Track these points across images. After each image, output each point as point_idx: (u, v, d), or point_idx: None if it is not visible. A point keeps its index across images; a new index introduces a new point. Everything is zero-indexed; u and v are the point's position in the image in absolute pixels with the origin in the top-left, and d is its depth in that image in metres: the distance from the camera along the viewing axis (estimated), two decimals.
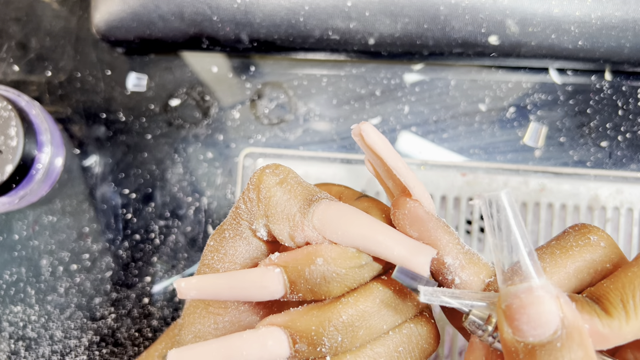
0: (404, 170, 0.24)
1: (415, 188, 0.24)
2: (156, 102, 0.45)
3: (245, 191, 0.26)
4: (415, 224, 0.24)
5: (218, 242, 0.27)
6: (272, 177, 0.25)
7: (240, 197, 0.26)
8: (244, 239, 0.26)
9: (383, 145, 0.24)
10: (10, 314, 0.44)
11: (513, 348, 0.21)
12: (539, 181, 0.42)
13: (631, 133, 0.43)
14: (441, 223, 0.24)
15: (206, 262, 0.27)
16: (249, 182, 0.26)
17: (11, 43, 0.45)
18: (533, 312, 0.20)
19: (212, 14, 0.40)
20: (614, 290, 0.22)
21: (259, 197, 0.25)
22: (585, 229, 0.25)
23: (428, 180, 0.43)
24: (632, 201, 0.42)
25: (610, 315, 0.22)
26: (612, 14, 0.39)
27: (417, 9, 0.39)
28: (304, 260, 0.24)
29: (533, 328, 0.20)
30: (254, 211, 0.25)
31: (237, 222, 0.26)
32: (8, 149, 0.38)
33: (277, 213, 0.25)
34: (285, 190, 0.25)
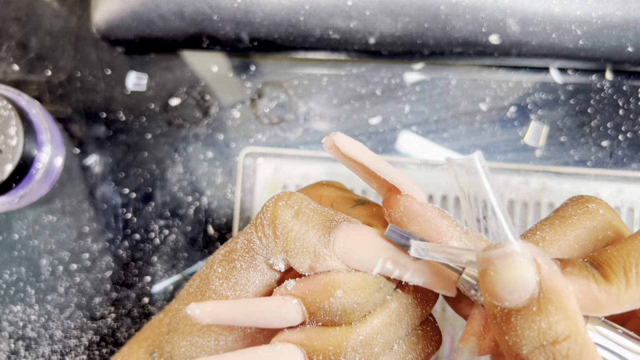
0: (387, 169, 0.24)
1: (403, 183, 0.24)
2: (156, 102, 0.45)
3: (259, 226, 0.24)
4: (413, 218, 0.24)
5: (227, 270, 0.26)
6: (287, 210, 0.24)
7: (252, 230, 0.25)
8: (258, 271, 0.25)
9: (360, 151, 0.24)
10: (10, 313, 0.44)
11: (491, 312, 0.21)
12: (540, 181, 0.42)
13: (632, 132, 0.43)
14: (437, 210, 0.24)
15: (213, 287, 0.26)
16: (261, 217, 0.24)
17: (11, 42, 0.45)
18: (507, 276, 0.20)
19: (213, 13, 0.40)
20: (617, 257, 0.22)
21: (275, 233, 0.24)
22: (582, 198, 0.25)
23: (428, 180, 0.43)
24: (632, 201, 0.42)
25: (610, 281, 0.21)
26: (613, 13, 0.39)
27: (417, 8, 0.39)
28: (323, 293, 0.24)
29: (508, 293, 0.20)
30: (271, 247, 0.24)
31: (252, 256, 0.25)
32: (8, 149, 0.38)
33: (296, 247, 0.24)
34: (302, 222, 0.24)
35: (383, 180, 0.25)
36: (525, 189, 0.42)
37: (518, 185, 0.42)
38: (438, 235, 0.24)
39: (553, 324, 0.19)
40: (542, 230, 0.24)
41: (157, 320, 0.32)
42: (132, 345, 0.31)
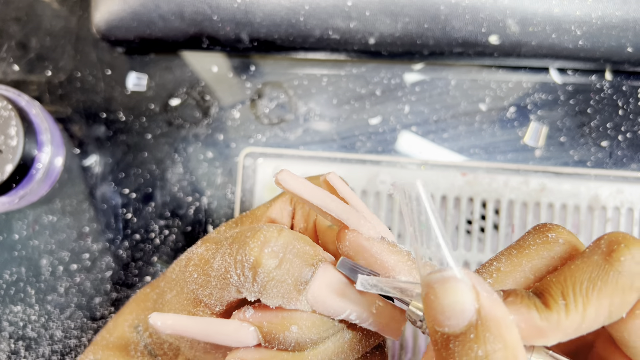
0: (333, 205, 0.24)
1: (350, 218, 0.25)
2: (156, 102, 0.45)
3: (239, 265, 0.24)
4: (359, 253, 0.24)
5: (203, 281, 0.26)
6: (271, 260, 0.24)
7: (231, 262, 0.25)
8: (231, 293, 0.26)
9: (303, 189, 0.24)
10: (10, 313, 0.44)
11: (433, 338, 0.21)
12: (540, 181, 0.42)
13: (631, 133, 0.43)
14: (385, 245, 0.25)
15: (191, 288, 0.26)
16: (242, 256, 0.24)
17: (11, 43, 0.45)
18: (446, 302, 0.20)
19: (212, 13, 0.40)
20: (555, 284, 0.22)
21: (254, 278, 0.24)
22: (544, 227, 0.25)
23: (428, 180, 0.43)
24: (632, 201, 0.42)
25: (550, 308, 0.21)
26: (613, 13, 0.39)
27: (417, 8, 0.39)
28: (279, 326, 0.24)
29: (447, 318, 0.20)
30: (247, 287, 0.25)
31: (227, 284, 0.25)
32: (8, 149, 0.38)
33: (272, 293, 0.24)
34: (283, 272, 0.24)
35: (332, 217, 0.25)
36: (524, 189, 0.42)
37: (518, 185, 0.42)
38: (384, 270, 0.24)
39: (490, 352, 0.19)
40: (499, 260, 0.24)
41: (143, 294, 0.32)
42: (117, 319, 0.32)
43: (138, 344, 0.30)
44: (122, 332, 0.31)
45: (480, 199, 0.43)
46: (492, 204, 0.43)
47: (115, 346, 0.30)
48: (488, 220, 0.43)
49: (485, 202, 0.43)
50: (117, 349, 0.30)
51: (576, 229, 0.42)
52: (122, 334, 0.31)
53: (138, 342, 0.30)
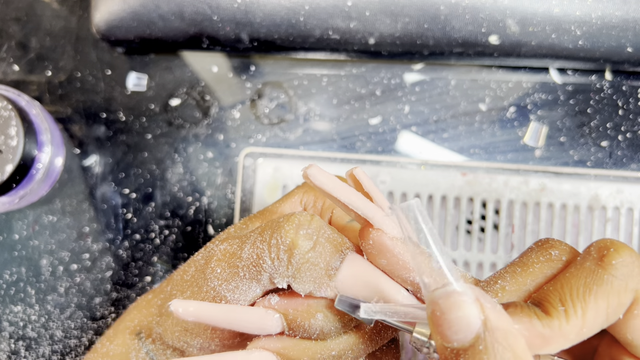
0: (359, 203, 0.25)
1: (375, 217, 0.25)
2: (156, 102, 0.45)
3: (274, 248, 0.25)
4: (381, 253, 0.25)
5: (229, 274, 0.26)
6: (306, 241, 0.24)
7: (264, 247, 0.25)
8: (260, 284, 0.26)
9: (332, 185, 0.24)
10: (10, 313, 0.44)
11: (443, 355, 0.21)
12: (539, 181, 0.42)
13: (631, 133, 0.43)
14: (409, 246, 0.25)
15: (212, 285, 0.26)
16: (278, 239, 0.24)
17: (11, 43, 0.45)
18: (452, 316, 0.20)
19: (212, 13, 0.40)
20: (552, 292, 0.22)
21: (290, 260, 0.24)
22: (547, 244, 0.25)
23: (428, 180, 0.43)
24: (632, 201, 0.42)
25: (550, 315, 0.22)
26: (613, 13, 0.39)
27: (417, 8, 0.39)
28: (305, 314, 0.25)
29: (454, 333, 0.20)
30: (281, 271, 0.25)
31: (258, 271, 0.25)
32: (8, 149, 0.38)
33: (305, 277, 0.25)
34: (317, 254, 0.24)
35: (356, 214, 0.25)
36: (524, 189, 0.42)
37: (517, 185, 0.42)
38: (405, 270, 0.24)
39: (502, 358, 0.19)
40: (504, 279, 0.25)
41: (145, 301, 0.31)
42: (118, 326, 0.31)
43: (140, 350, 0.30)
44: (123, 339, 0.31)
45: (480, 199, 0.43)
46: (492, 204, 0.43)
47: (116, 354, 0.30)
48: (488, 220, 0.43)
49: (485, 202, 0.43)
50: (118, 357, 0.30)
51: (576, 229, 0.42)
52: (123, 341, 0.30)
53: (140, 349, 0.30)
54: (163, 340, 0.29)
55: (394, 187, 0.43)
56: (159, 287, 0.32)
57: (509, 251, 0.43)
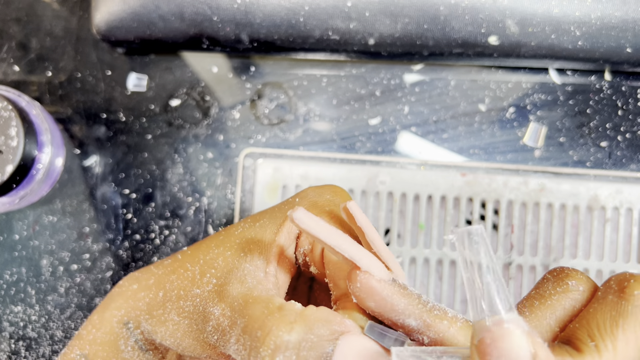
0: (346, 246, 0.24)
1: (362, 260, 0.25)
2: (156, 102, 0.45)
3: (252, 351, 0.24)
4: (370, 295, 0.24)
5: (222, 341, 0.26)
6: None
7: (244, 354, 0.24)
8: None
9: (318, 228, 0.24)
10: (10, 313, 0.44)
11: None
12: (539, 181, 0.42)
13: (631, 133, 0.43)
14: (396, 289, 0.25)
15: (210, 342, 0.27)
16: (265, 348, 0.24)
17: (11, 43, 0.45)
18: (504, 345, 0.20)
19: (212, 14, 0.40)
20: (580, 329, 0.23)
21: None
22: (563, 273, 0.25)
23: (428, 180, 0.43)
24: (631, 201, 0.42)
25: (582, 352, 0.22)
26: (612, 14, 0.39)
27: (417, 9, 0.39)
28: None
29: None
30: None
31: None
32: (8, 149, 0.38)
33: None
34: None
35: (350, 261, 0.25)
36: (524, 190, 0.42)
37: (517, 185, 0.42)
38: (394, 313, 0.24)
39: None
40: (523, 314, 0.25)
41: (131, 291, 0.31)
42: (103, 313, 0.31)
43: (128, 339, 0.30)
44: (110, 327, 0.30)
45: (480, 199, 0.43)
46: (491, 204, 0.43)
47: (104, 341, 0.30)
48: (487, 221, 0.43)
49: (485, 202, 0.43)
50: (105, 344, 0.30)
51: (575, 229, 0.42)
52: (110, 329, 0.30)
53: (128, 338, 0.30)
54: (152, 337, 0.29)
55: (393, 188, 0.43)
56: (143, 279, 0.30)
57: (508, 251, 0.43)
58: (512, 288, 0.43)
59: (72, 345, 0.30)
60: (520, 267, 0.42)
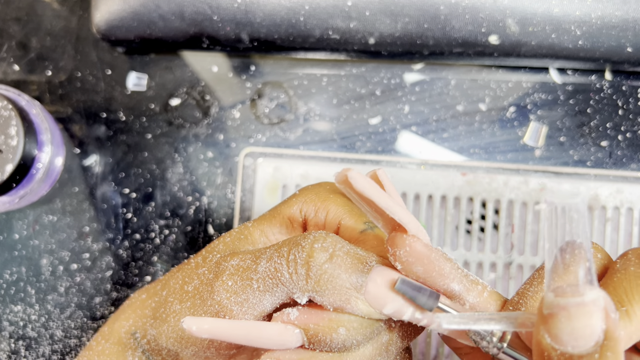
0: (396, 209, 0.25)
1: (410, 224, 0.25)
2: (156, 102, 0.45)
3: (292, 263, 0.25)
4: (418, 259, 0.25)
5: (240, 287, 0.26)
6: (322, 253, 0.25)
7: (281, 262, 0.25)
8: (273, 297, 0.26)
9: (371, 189, 0.24)
10: (10, 313, 0.44)
11: (547, 353, 0.21)
12: (539, 181, 0.42)
13: (631, 133, 0.43)
14: (440, 253, 0.25)
15: (218, 298, 0.26)
16: (295, 254, 0.25)
17: (11, 42, 0.45)
18: (578, 325, 0.20)
19: (213, 13, 0.40)
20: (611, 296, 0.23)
21: (308, 274, 0.24)
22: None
23: (428, 179, 0.43)
24: (632, 201, 0.42)
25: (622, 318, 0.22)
26: (613, 13, 0.39)
27: (417, 8, 0.39)
28: (326, 329, 0.25)
29: (574, 339, 0.20)
30: (300, 285, 0.25)
31: (275, 284, 0.25)
32: (8, 149, 0.38)
33: (327, 289, 0.24)
34: (335, 266, 0.25)
35: (389, 219, 0.25)
36: (524, 189, 0.42)
37: (517, 185, 0.42)
38: (441, 277, 0.25)
39: None
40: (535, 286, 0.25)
41: (140, 301, 0.31)
42: (113, 324, 0.31)
43: (136, 349, 0.30)
44: (118, 337, 0.30)
45: (480, 199, 0.43)
46: (491, 204, 0.43)
47: (112, 352, 0.30)
48: (488, 220, 0.43)
49: (485, 201, 0.43)
50: (113, 355, 0.30)
51: None
52: (118, 339, 0.30)
53: (136, 348, 0.30)
54: (157, 342, 0.29)
55: None
56: (152, 288, 0.31)
57: (509, 251, 0.43)
58: (513, 288, 0.43)
59: (82, 356, 0.31)
60: (521, 267, 0.42)
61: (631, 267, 0.24)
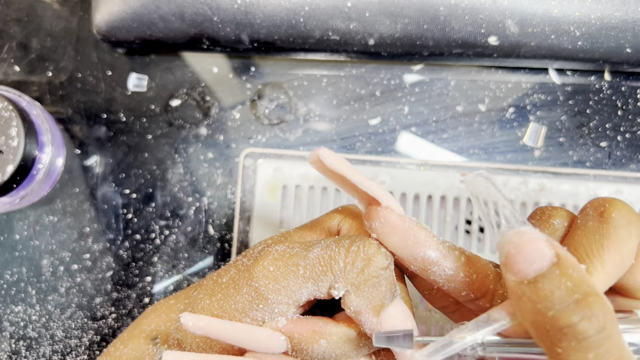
0: (368, 183, 0.26)
1: (382, 196, 0.26)
2: (157, 103, 0.45)
3: (352, 254, 0.25)
4: (393, 229, 0.26)
5: (282, 273, 0.26)
6: (384, 260, 0.25)
7: (340, 251, 0.26)
8: (317, 286, 0.26)
9: (342, 165, 0.26)
10: (11, 313, 0.44)
11: (520, 292, 0.22)
12: (539, 181, 0.42)
13: (630, 133, 0.43)
14: (414, 222, 0.26)
15: (256, 285, 0.26)
16: (360, 247, 0.26)
17: (12, 43, 0.45)
18: (528, 249, 0.22)
19: (213, 14, 0.40)
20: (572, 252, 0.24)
21: (363, 270, 0.25)
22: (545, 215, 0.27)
23: (427, 180, 0.43)
24: (631, 201, 0.42)
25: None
26: (612, 14, 0.39)
27: (416, 9, 0.39)
28: (309, 339, 0.26)
29: (531, 263, 0.22)
30: (350, 278, 0.25)
31: (324, 271, 0.26)
32: (9, 149, 0.38)
33: (367, 292, 0.25)
34: (386, 277, 0.26)
35: (364, 194, 0.26)
36: (524, 190, 0.42)
37: (517, 185, 0.43)
38: (417, 245, 0.25)
39: (578, 282, 0.21)
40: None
41: (167, 305, 0.31)
42: (133, 330, 0.31)
43: (154, 356, 0.30)
44: (137, 344, 0.30)
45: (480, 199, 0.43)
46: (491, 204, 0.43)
47: (130, 358, 0.30)
48: None
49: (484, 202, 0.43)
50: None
51: None
52: (137, 345, 0.30)
53: (154, 355, 0.30)
54: (181, 346, 0.29)
55: (393, 188, 0.43)
56: (183, 293, 0.32)
57: None
58: None
59: None
60: None
61: (589, 222, 0.24)
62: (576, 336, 0.20)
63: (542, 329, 0.21)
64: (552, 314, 0.21)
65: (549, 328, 0.21)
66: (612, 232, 0.24)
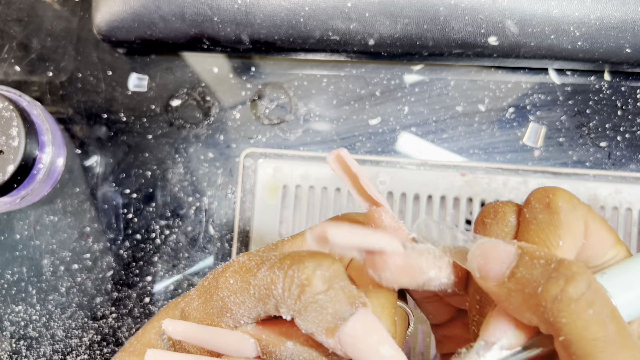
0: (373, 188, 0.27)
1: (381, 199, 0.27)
2: (157, 103, 0.45)
3: (287, 279, 0.25)
4: (403, 273, 0.26)
5: (239, 288, 0.26)
6: (320, 283, 0.24)
7: (279, 275, 0.25)
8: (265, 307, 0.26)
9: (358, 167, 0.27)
10: (11, 313, 0.44)
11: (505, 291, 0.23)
12: (538, 181, 0.43)
13: (630, 133, 0.43)
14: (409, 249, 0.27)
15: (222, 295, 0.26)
16: (295, 271, 0.25)
17: (12, 43, 0.45)
18: (493, 254, 0.23)
19: (213, 14, 0.40)
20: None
21: (299, 296, 0.24)
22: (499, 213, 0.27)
23: (428, 180, 0.43)
24: (631, 201, 0.42)
25: None
26: (611, 14, 0.39)
27: (416, 9, 0.39)
28: (276, 341, 0.26)
29: (501, 263, 0.23)
30: (289, 303, 0.25)
31: (267, 295, 0.25)
32: (9, 149, 0.38)
33: (311, 317, 0.24)
34: (327, 299, 0.24)
35: (368, 196, 0.28)
36: (523, 190, 0.43)
37: (516, 185, 0.43)
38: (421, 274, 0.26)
39: (548, 257, 0.23)
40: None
41: (174, 303, 0.32)
42: (147, 326, 0.32)
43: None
44: (149, 339, 0.31)
45: (479, 199, 0.43)
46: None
47: (142, 353, 0.31)
48: None
49: (484, 202, 0.43)
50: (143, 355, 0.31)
51: None
52: (148, 341, 0.31)
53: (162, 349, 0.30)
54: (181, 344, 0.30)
55: (393, 188, 0.43)
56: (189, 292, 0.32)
57: None
58: None
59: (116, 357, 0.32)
60: None
61: (539, 215, 0.25)
62: (571, 297, 0.21)
63: (540, 308, 0.22)
64: (541, 290, 0.22)
65: (544, 304, 0.22)
66: (564, 221, 0.25)
